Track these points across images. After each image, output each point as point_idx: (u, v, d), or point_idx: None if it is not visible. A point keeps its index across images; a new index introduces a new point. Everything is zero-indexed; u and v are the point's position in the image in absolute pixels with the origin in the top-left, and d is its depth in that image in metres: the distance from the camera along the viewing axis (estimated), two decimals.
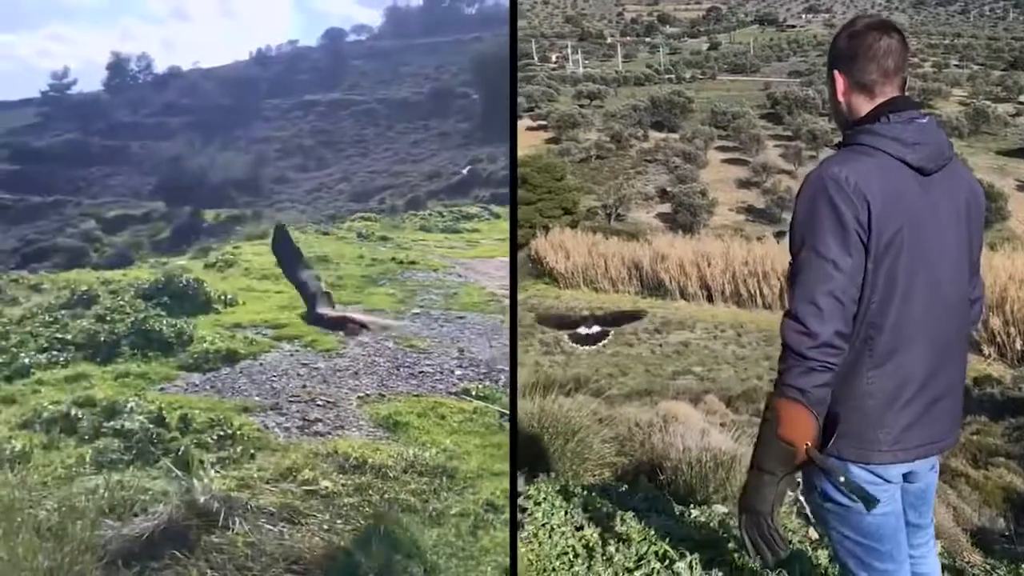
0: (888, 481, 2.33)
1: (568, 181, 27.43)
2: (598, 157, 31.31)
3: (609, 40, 45.20)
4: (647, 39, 45.41)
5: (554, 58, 42.13)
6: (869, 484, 2.29)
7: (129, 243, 26.75)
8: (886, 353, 2.25)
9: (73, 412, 6.02)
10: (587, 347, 19.79)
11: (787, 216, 27.27)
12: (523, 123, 33.41)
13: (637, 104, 34.09)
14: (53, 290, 10.49)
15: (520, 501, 4.16)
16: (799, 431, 2.17)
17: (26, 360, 7.48)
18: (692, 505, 4.48)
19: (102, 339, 7.92)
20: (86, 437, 5.70)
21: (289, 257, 9.45)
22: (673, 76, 39.43)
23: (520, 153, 29.81)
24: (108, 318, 8.37)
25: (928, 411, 2.31)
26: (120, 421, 5.87)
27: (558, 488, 4.44)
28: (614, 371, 18.66)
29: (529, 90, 35.51)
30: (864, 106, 2.33)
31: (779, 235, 25.79)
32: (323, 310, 8.24)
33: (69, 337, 8.00)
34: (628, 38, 45.65)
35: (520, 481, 4.68)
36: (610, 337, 20.19)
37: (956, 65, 38.58)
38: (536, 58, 41.68)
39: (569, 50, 42.36)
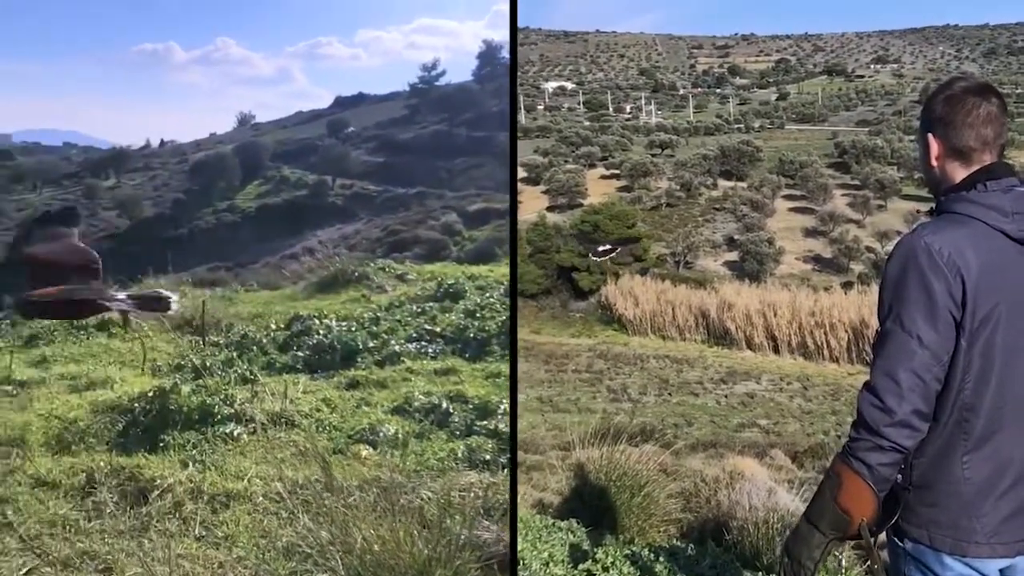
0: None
1: (639, 229, 28.07)
2: (668, 205, 32.00)
3: (681, 91, 46.16)
4: (718, 90, 46.34)
5: (628, 109, 43.28)
6: None
7: (491, 238, 27.73)
8: (983, 436, 2.11)
9: (445, 405, 5.96)
10: (601, 259, 25.37)
11: (854, 266, 27.71)
12: (597, 171, 34.46)
13: (707, 153, 34.69)
14: (418, 281, 10.50)
15: (587, 565, 4.18)
16: (858, 505, 2.12)
17: (396, 348, 7.36)
18: (760, 571, 4.51)
19: (471, 335, 7.68)
20: (457, 433, 5.61)
21: None
22: (742, 126, 40.09)
23: (594, 201, 30.80)
24: (478, 315, 8.12)
25: None
26: (493, 422, 5.71)
27: (626, 552, 4.40)
28: (680, 421, 18.96)
29: (604, 140, 36.51)
30: (959, 172, 2.20)
31: (846, 286, 25.99)
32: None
33: (437, 329, 7.87)
34: (699, 89, 46.58)
35: (583, 534, 4.86)
36: (617, 252, 25.36)
37: None
38: (611, 109, 43.01)
39: (643, 101, 43.44)
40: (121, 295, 4.75)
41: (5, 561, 3.63)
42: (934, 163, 2.25)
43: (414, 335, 7.77)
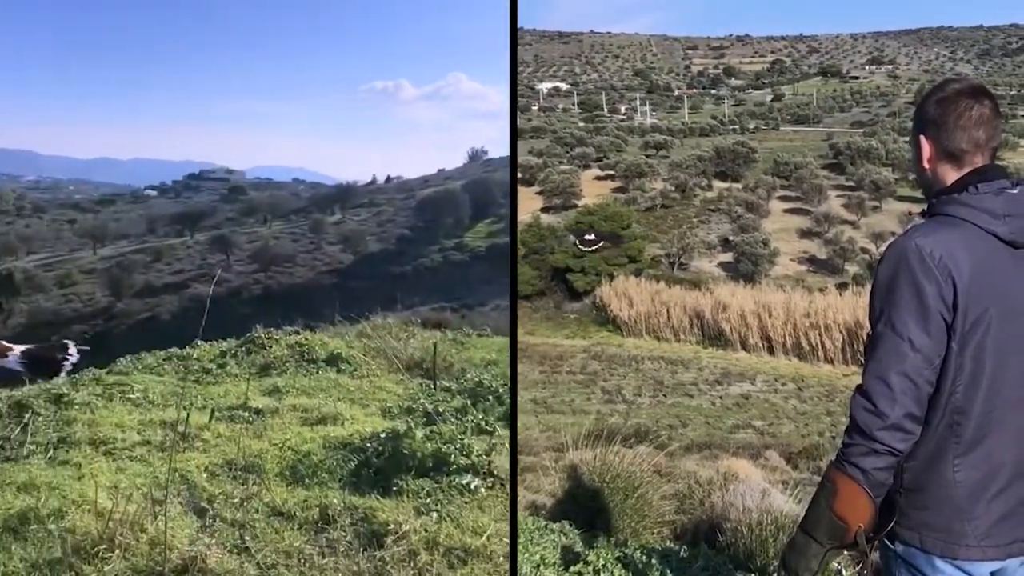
0: None
1: (634, 230, 28.16)
2: (663, 206, 32.03)
3: (676, 92, 46.24)
4: (713, 91, 46.47)
5: (623, 110, 43.32)
6: None
7: None
8: (974, 440, 2.10)
9: None
10: (589, 249, 25.73)
11: (849, 267, 27.76)
12: (591, 172, 34.47)
13: (702, 154, 34.74)
14: None
15: (579, 567, 4.19)
16: (854, 512, 2.10)
17: None
18: (753, 573, 4.54)
19: None
20: None
21: None
22: (737, 127, 40.23)
23: (588, 202, 30.80)
24: None
25: (1022, 503, 2.15)
26: None
27: (617, 555, 4.39)
28: (675, 422, 18.99)
29: (598, 141, 36.54)
30: (951, 175, 2.19)
31: (841, 287, 25.97)
32: None
33: None
34: (694, 90, 46.72)
35: (576, 536, 4.88)
36: (602, 243, 25.59)
37: None
38: (606, 110, 43.07)
39: (637, 102, 43.48)
40: (16, 350, 4.13)
41: None
42: (926, 165, 2.24)
43: None
